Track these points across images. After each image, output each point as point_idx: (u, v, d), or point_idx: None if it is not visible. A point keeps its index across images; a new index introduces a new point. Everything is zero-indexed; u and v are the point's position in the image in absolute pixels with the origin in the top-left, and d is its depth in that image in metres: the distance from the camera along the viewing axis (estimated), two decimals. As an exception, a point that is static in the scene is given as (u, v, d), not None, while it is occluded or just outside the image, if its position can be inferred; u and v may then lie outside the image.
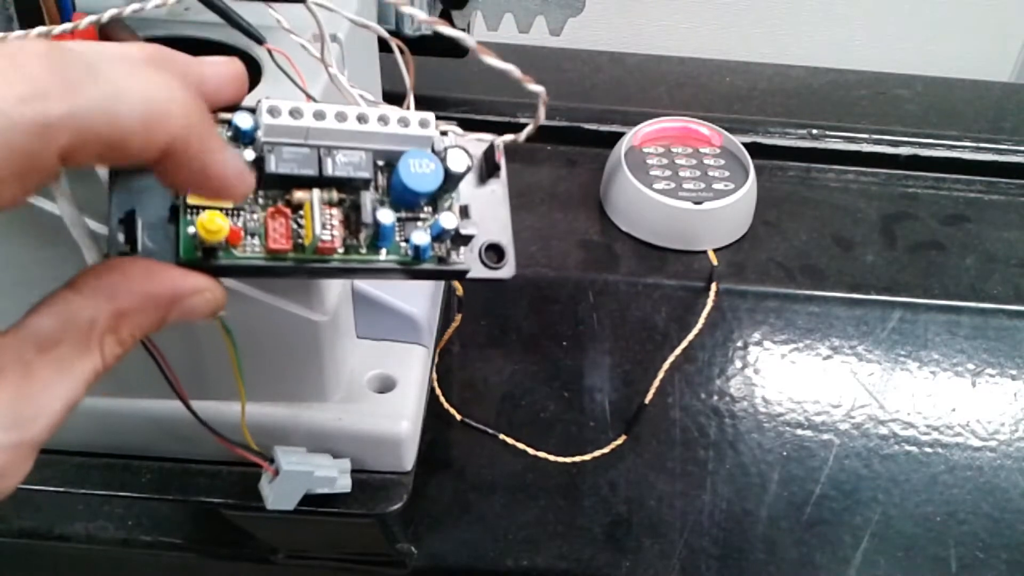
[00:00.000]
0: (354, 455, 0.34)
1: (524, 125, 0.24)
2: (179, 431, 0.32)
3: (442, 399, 0.42)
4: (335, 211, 0.23)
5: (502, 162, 0.26)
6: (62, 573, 0.42)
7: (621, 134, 0.54)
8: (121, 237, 0.21)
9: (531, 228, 0.51)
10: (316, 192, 0.23)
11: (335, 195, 0.23)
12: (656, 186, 0.50)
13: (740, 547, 0.39)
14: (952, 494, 0.41)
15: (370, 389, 0.35)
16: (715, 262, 0.49)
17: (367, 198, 0.23)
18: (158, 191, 0.22)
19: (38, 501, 0.36)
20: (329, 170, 0.23)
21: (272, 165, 0.22)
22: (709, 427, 0.43)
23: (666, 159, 0.52)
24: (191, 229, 0.21)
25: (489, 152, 0.26)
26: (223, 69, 0.22)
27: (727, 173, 0.51)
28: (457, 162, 0.24)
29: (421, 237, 0.24)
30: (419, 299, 0.37)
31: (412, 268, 0.24)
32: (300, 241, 0.23)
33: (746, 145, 0.53)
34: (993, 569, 0.39)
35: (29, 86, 0.15)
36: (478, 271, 0.25)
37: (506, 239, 0.26)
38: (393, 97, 0.30)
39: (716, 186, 0.50)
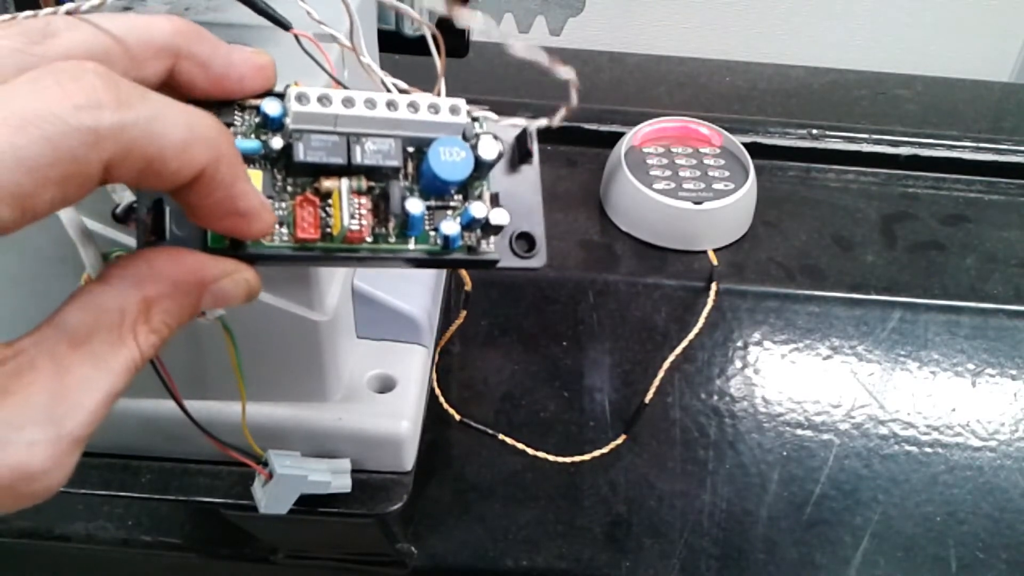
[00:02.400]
0: (354, 455, 0.34)
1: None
2: (179, 431, 0.32)
3: (442, 399, 0.42)
4: (364, 199, 0.23)
5: (535, 148, 0.25)
6: (62, 573, 0.42)
7: (621, 134, 0.54)
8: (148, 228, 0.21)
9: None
10: (345, 182, 0.22)
11: (364, 183, 0.23)
12: (656, 186, 0.50)
13: (740, 547, 0.39)
14: (952, 494, 0.41)
15: (370, 389, 0.35)
16: (715, 262, 0.49)
17: (396, 188, 0.23)
18: None
19: (38, 501, 0.36)
20: (358, 158, 0.22)
21: (300, 153, 0.22)
22: (709, 427, 0.43)
23: (666, 159, 0.52)
24: None
25: (521, 138, 0.25)
26: (252, 57, 0.22)
27: (727, 173, 0.51)
28: (488, 150, 0.23)
29: (451, 227, 0.23)
30: (419, 299, 0.37)
31: (441, 258, 0.24)
32: (328, 231, 0.22)
33: (746, 145, 0.53)
34: (993, 569, 0.39)
35: (85, 97, 0.16)
36: (508, 260, 0.25)
37: (537, 227, 0.25)
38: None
39: (716, 186, 0.50)
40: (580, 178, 0.56)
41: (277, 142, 0.22)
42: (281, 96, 0.22)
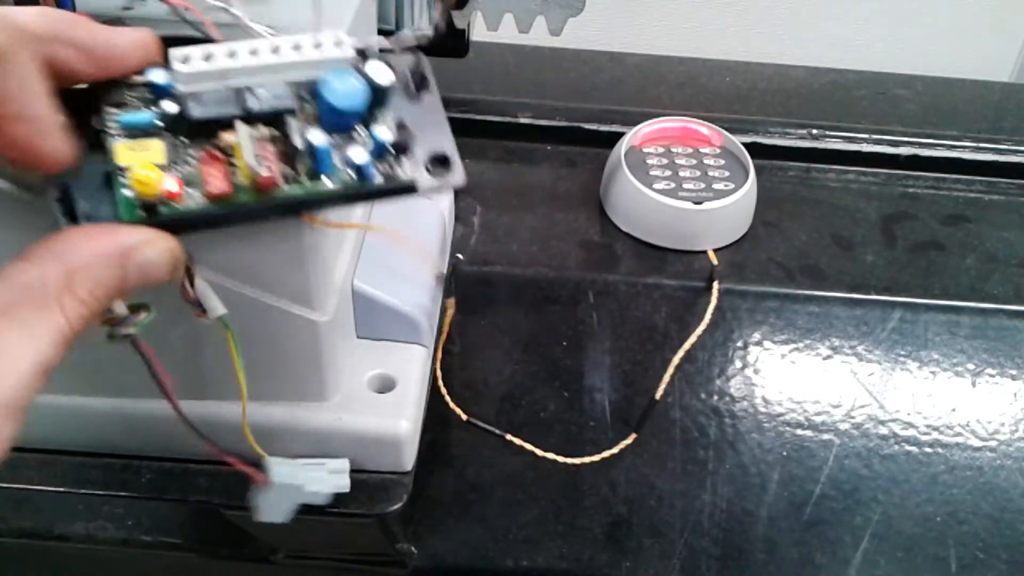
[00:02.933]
0: (354, 455, 0.34)
1: (525, 126, 0.24)
2: (179, 432, 0.32)
3: (447, 398, 0.42)
4: (268, 146, 0.23)
5: (429, 73, 0.26)
6: (62, 573, 0.42)
7: (621, 134, 0.54)
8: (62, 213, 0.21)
9: (531, 228, 0.51)
10: (243, 127, 0.23)
11: (264, 131, 0.23)
12: (656, 186, 0.50)
13: (740, 547, 0.39)
14: (952, 494, 0.41)
15: (370, 389, 0.35)
16: (715, 262, 0.49)
17: (293, 123, 0.23)
18: (91, 161, 0.22)
19: (38, 501, 0.36)
20: (252, 105, 0.23)
21: (195, 111, 0.22)
22: (709, 427, 0.43)
23: (666, 159, 0.52)
24: (127, 192, 0.21)
25: (416, 66, 0.26)
26: (132, 36, 0.23)
27: (727, 173, 0.51)
28: (380, 74, 0.23)
29: (360, 155, 0.23)
30: (419, 299, 0.37)
31: (361, 191, 0.24)
32: (239, 183, 0.22)
33: (746, 145, 0.53)
34: (993, 569, 0.39)
35: None
36: (427, 182, 0.25)
37: (449, 146, 0.25)
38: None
39: (716, 186, 0.50)
40: (580, 178, 0.56)
41: (171, 106, 0.22)
42: (165, 65, 0.23)
